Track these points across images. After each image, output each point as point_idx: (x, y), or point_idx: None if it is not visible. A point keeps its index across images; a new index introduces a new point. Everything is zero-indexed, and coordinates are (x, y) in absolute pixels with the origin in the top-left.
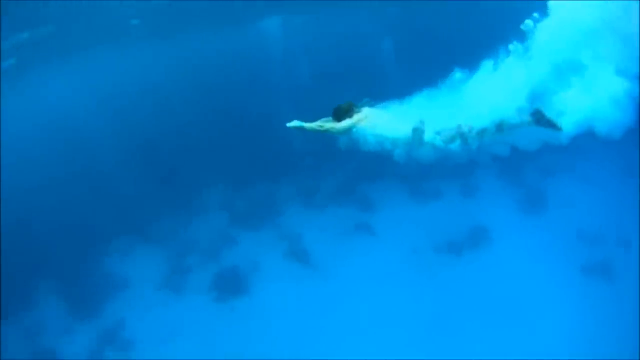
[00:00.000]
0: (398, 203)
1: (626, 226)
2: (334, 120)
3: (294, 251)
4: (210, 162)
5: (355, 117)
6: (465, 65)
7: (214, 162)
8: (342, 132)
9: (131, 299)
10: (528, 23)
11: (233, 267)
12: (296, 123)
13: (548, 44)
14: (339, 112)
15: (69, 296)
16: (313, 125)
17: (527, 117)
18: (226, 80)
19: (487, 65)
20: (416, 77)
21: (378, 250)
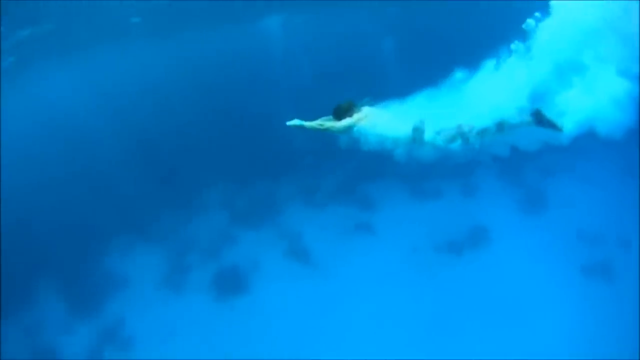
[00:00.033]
0: (398, 202)
1: (626, 226)
2: (334, 119)
3: (294, 250)
4: (210, 161)
5: (355, 116)
6: (466, 64)
7: (214, 161)
8: (342, 131)
9: (131, 298)
10: (530, 22)
11: (233, 266)
12: (296, 122)
13: (549, 44)
14: (339, 111)
15: (69, 295)
16: (313, 124)
17: (528, 117)
18: (227, 79)
19: (489, 64)
20: (417, 77)
21: (378, 249)
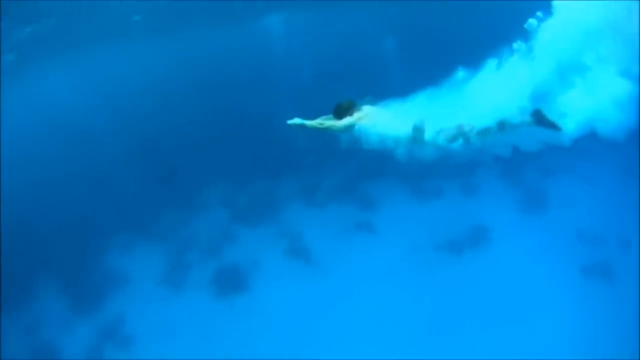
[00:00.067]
0: (399, 201)
1: (627, 227)
2: (335, 118)
3: (295, 249)
4: (211, 159)
5: (355, 116)
6: (468, 64)
7: (215, 159)
8: (343, 130)
9: (131, 295)
10: (532, 22)
11: (233, 264)
12: (297, 120)
13: (551, 44)
14: (340, 110)
15: (70, 291)
16: (314, 122)
17: (528, 117)
18: (227, 77)
19: (491, 64)
20: (419, 76)
21: (378, 248)
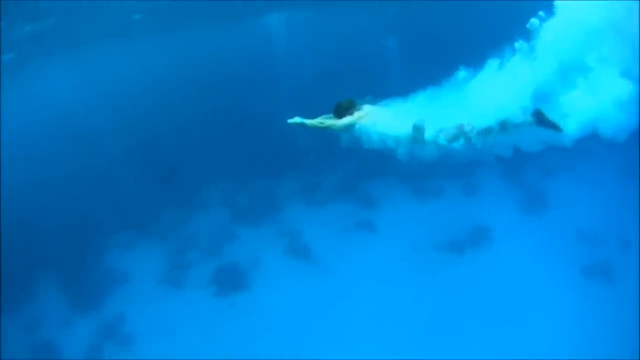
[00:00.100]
0: (399, 201)
1: (627, 227)
2: (335, 117)
3: (295, 247)
4: (211, 158)
5: (355, 115)
6: (470, 63)
7: (215, 158)
8: (343, 130)
9: (131, 294)
10: (534, 22)
11: (233, 263)
12: (297, 119)
13: (553, 44)
14: (340, 109)
15: (70, 290)
16: (314, 122)
17: (529, 117)
18: (228, 76)
19: (493, 64)
20: (420, 76)
21: (379, 247)
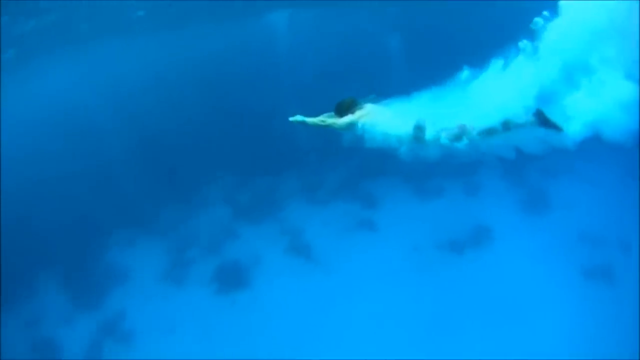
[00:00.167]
0: (401, 200)
1: (629, 229)
2: (336, 115)
3: (296, 246)
4: (213, 156)
5: (357, 114)
6: (474, 63)
7: (217, 156)
8: (345, 128)
9: (132, 291)
10: (538, 21)
11: (234, 261)
12: (299, 118)
13: (557, 44)
14: (341, 108)
15: (70, 287)
16: (315, 120)
17: (531, 117)
18: (230, 74)
19: (497, 63)
20: (424, 75)
21: (380, 247)
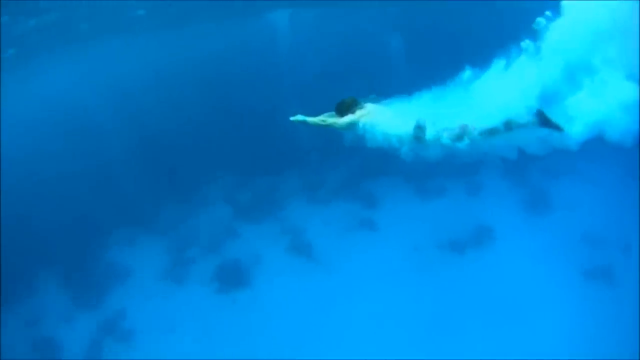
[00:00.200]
0: (402, 200)
1: (630, 230)
2: (337, 115)
3: (297, 245)
4: (214, 155)
5: (358, 113)
6: (476, 63)
7: (218, 155)
8: (345, 128)
9: (132, 290)
10: (540, 21)
11: (235, 260)
12: (299, 117)
13: (559, 45)
14: (342, 108)
15: (71, 286)
16: (316, 119)
17: (532, 118)
18: (231, 73)
19: (499, 63)
20: (425, 75)
21: (381, 246)
